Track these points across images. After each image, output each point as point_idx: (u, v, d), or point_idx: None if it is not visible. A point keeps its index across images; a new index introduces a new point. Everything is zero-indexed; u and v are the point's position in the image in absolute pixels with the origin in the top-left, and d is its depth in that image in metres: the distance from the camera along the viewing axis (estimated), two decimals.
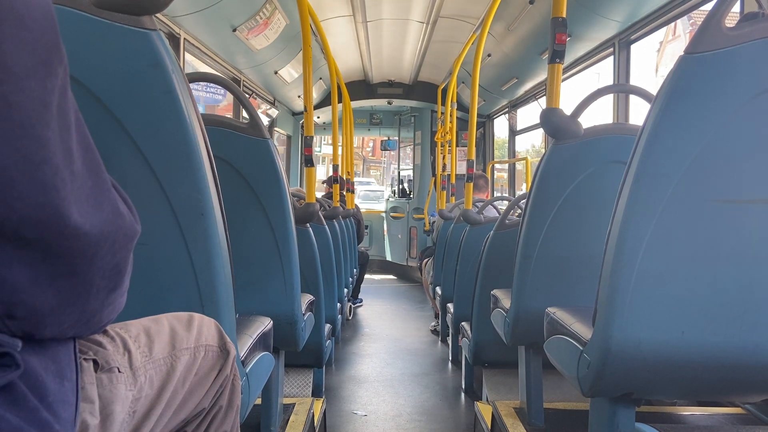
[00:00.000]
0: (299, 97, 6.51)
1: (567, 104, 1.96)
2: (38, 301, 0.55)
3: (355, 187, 6.53)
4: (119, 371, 0.75)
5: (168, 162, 1.10)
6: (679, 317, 1.27)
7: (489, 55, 5.29)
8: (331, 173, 5.43)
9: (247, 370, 1.35)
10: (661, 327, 1.27)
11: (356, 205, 6.14)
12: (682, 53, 1.20)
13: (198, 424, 0.99)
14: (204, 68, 4.25)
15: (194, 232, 1.14)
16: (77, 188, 0.54)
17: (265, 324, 1.63)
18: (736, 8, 2.32)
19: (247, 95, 5.08)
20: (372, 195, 14.69)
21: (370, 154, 28.24)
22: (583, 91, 2.07)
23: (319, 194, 4.25)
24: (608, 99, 3.67)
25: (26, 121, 0.49)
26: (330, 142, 12.85)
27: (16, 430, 0.52)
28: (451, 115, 5.48)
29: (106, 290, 0.62)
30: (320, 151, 18.24)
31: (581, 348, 1.42)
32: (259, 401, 2.02)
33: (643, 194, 1.24)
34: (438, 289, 4.42)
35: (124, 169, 1.08)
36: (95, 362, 0.73)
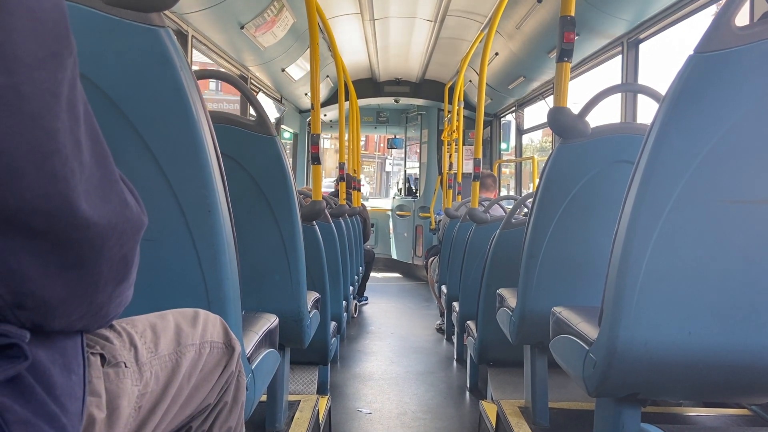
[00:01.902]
0: (306, 94, 6.52)
1: (581, 101, 1.95)
2: (47, 293, 0.55)
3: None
4: (126, 366, 0.76)
5: (175, 159, 1.11)
6: (686, 317, 1.27)
7: (496, 54, 5.28)
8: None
9: (253, 367, 1.36)
10: (667, 327, 1.27)
11: (363, 204, 6.14)
12: (692, 52, 1.19)
13: (203, 420, 1.00)
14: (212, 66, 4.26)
15: (201, 229, 1.14)
16: (86, 179, 0.55)
17: (271, 321, 1.63)
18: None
19: (254, 92, 5.09)
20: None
21: (363, 149, 27.21)
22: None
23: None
24: (616, 98, 3.66)
25: (36, 112, 0.49)
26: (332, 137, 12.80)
27: (24, 422, 0.52)
28: (457, 114, 5.48)
29: (114, 282, 0.62)
30: None
31: (587, 348, 1.42)
32: (264, 398, 2.03)
33: (651, 194, 1.24)
34: (443, 288, 4.42)
35: (131, 165, 1.09)
36: (102, 356, 0.73)
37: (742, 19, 1.19)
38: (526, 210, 3.12)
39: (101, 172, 0.58)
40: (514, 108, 6.60)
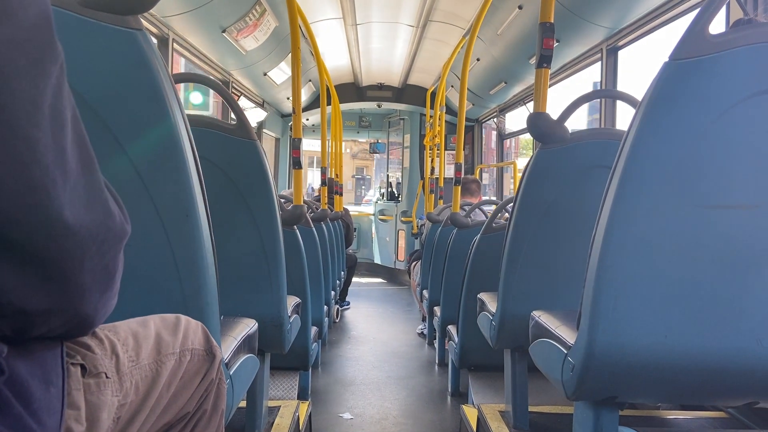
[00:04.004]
0: (288, 99, 6.50)
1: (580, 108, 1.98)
2: (27, 303, 0.54)
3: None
4: (107, 377, 0.74)
5: (152, 162, 1.10)
6: (662, 321, 1.28)
7: (478, 59, 5.32)
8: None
9: (231, 373, 1.35)
10: (644, 331, 1.28)
11: (345, 208, 6.13)
12: (666, 60, 1.21)
13: (182, 429, 0.98)
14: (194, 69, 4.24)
15: (178, 233, 1.13)
16: (70, 188, 0.54)
17: (249, 326, 1.62)
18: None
19: (235, 96, 5.07)
20: None
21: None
22: None
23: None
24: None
25: (15, 122, 0.48)
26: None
27: None
28: (439, 119, 5.50)
29: (98, 292, 0.62)
30: None
31: (565, 351, 1.43)
32: (243, 404, 2.01)
33: (627, 199, 1.25)
34: (425, 293, 4.43)
35: (108, 168, 1.07)
36: (82, 367, 0.72)
37: (718, 25, 1.21)
38: (507, 214, 3.14)
39: (86, 179, 0.57)
40: (495, 113, 6.64)
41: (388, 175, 9.43)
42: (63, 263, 0.55)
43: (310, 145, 9.72)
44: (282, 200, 3.01)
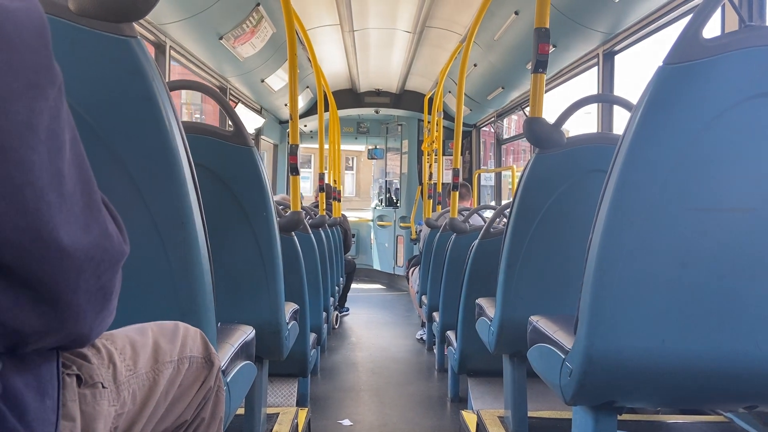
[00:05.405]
0: (286, 105, 6.51)
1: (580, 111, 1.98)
2: (20, 324, 0.54)
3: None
4: (103, 387, 0.74)
5: (148, 170, 1.10)
6: (659, 325, 1.28)
7: (475, 65, 5.33)
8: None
9: (228, 380, 1.34)
10: (641, 335, 1.28)
11: (343, 214, 6.13)
12: (661, 64, 1.21)
13: None
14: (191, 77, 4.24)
15: (174, 241, 1.13)
16: (66, 210, 0.54)
17: (246, 333, 1.62)
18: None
19: (232, 104, 5.08)
20: None
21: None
22: None
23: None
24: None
25: (8, 144, 0.48)
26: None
27: None
28: (437, 124, 5.50)
29: (92, 313, 0.61)
30: None
31: (563, 356, 1.42)
32: (242, 411, 2.01)
33: (624, 203, 1.25)
34: (424, 298, 4.42)
35: (102, 177, 1.06)
36: (78, 377, 0.71)
37: (713, 30, 1.21)
38: (505, 219, 3.13)
39: (84, 200, 0.57)
40: (493, 118, 6.65)
41: (386, 180, 9.43)
42: (57, 285, 0.55)
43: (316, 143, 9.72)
44: (280, 207, 3.02)
